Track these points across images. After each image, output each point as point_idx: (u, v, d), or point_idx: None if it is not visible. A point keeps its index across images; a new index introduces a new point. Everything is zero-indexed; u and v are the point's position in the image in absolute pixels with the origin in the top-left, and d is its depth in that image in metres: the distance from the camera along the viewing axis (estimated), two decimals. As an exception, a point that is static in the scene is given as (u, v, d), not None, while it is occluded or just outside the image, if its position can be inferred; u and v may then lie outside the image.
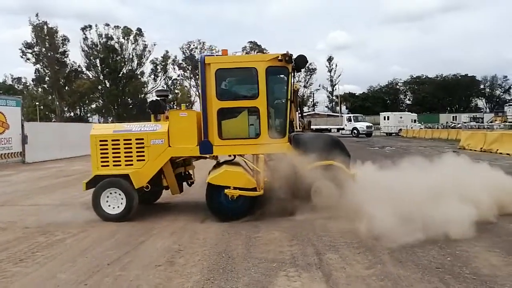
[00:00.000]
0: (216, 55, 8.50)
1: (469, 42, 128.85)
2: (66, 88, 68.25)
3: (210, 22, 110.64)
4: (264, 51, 72.14)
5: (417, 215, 5.89)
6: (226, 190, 7.27)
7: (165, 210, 8.51)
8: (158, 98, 8.84)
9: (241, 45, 73.15)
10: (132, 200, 7.61)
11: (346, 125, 48.45)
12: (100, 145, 7.82)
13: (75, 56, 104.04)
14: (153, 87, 72.50)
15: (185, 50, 73.97)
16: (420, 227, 5.75)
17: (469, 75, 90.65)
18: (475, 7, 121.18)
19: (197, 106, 71.34)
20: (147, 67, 71.31)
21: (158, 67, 72.64)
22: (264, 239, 6.17)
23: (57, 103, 66.43)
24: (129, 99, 70.44)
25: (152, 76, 72.44)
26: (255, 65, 7.70)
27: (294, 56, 7.68)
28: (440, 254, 5.23)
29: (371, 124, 49.18)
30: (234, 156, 8.29)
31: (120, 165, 7.80)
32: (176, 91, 75.32)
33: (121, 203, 7.62)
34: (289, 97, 7.80)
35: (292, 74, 7.80)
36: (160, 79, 73.29)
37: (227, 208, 7.40)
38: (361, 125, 47.20)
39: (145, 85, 71.95)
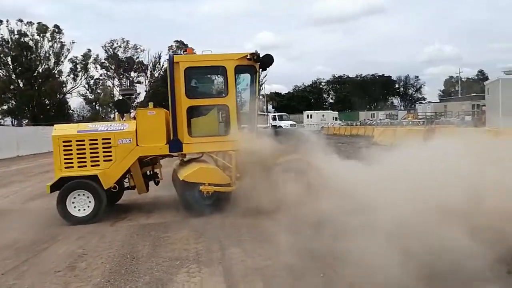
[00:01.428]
0: (184, 54, 8.52)
1: (386, 45, 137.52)
2: (-27, 88, 62.55)
3: (135, 20, 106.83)
4: (192, 51, 71.18)
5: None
6: (201, 187, 7.37)
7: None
8: (123, 97, 8.82)
9: (168, 44, 71.57)
10: (101, 201, 7.44)
11: (271, 124, 49.54)
12: (64, 146, 7.57)
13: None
14: (72, 87, 68.71)
15: (108, 48, 70.97)
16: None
17: (385, 75, 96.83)
18: (395, 12, 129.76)
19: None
20: (66, 66, 67.39)
21: (78, 66, 68.95)
22: (172, 239, 6.25)
23: (-38, 104, 60.75)
24: (46, 100, 66.05)
25: (72, 76, 68.61)
26: (224, 64, 7.87)
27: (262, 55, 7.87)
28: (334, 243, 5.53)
29: (295, 123, 50.71)
30: (202, 153, 8.31)
31: (85, 166, 7.59)
32: (99, 91, 72.06)
33: (89, 205, 7.41)
34: (257, 95, 8.08)
35: (259, 72, 8.06)
36: (81, 79, 69.62)
37: (202, 205, 7.45)
38: (285, 124, 48.39)
39: (64, 85, 67.91)
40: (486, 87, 29.99)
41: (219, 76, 8.16)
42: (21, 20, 61.53)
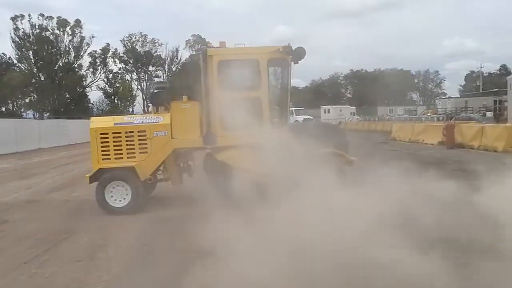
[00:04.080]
0: (215, 47, 8.43)
1: (404, 39, 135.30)
2: (-5, 81, 63.83)
3: (151, 13, 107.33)
4: (209, 45, 71.16)
5: None
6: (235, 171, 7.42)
7: (95, 206, 8.37)
8: (158, 90, 8.76)
9: (185, 38, 71.77)
10: (138, 192, 7.58)
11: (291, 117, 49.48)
12: (101, 138, 7.73)
13: (5, 48, 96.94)
14: (92, 81, 69.67)
15: (126, 43, 71.56)
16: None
17: (404, 69, 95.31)
18: (412, 7, 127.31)
19: (139, 100, 69.04)
20: (86, 60, 68.30)
21: (97, 60, 69.81)
22: (189, 231, 6.27)
23: (-15, 97, 62.10)
24: (66, 93, 67.10)
25: (91, 69, 69.55)
26: (256, 57, 7.88)
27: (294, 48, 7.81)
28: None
29: (312, 117, 50.50)
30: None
31: (122, 158, 7.73)
32: (117, 85, 72.76)
33: (126, 196, 7.58)
34: (289, 88, 8.08)
35: (291, 65, 8.03)
36: (100, 73, 70.51)
37: (233, 189, 7.28)
38: (301, 118, 48.47)
39: (84, 79, 68.91)
40: (508, 82, 29.23)
41: (252, 69, 8.08)
42: (42, 15, 62.64)
